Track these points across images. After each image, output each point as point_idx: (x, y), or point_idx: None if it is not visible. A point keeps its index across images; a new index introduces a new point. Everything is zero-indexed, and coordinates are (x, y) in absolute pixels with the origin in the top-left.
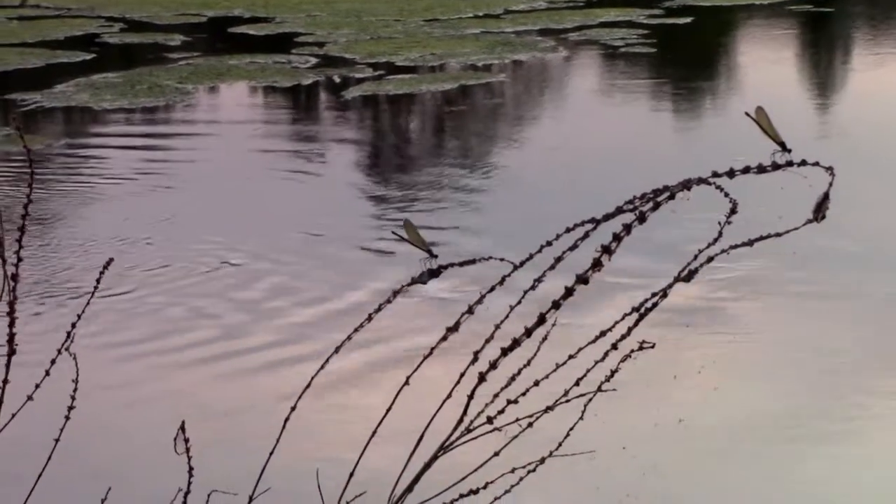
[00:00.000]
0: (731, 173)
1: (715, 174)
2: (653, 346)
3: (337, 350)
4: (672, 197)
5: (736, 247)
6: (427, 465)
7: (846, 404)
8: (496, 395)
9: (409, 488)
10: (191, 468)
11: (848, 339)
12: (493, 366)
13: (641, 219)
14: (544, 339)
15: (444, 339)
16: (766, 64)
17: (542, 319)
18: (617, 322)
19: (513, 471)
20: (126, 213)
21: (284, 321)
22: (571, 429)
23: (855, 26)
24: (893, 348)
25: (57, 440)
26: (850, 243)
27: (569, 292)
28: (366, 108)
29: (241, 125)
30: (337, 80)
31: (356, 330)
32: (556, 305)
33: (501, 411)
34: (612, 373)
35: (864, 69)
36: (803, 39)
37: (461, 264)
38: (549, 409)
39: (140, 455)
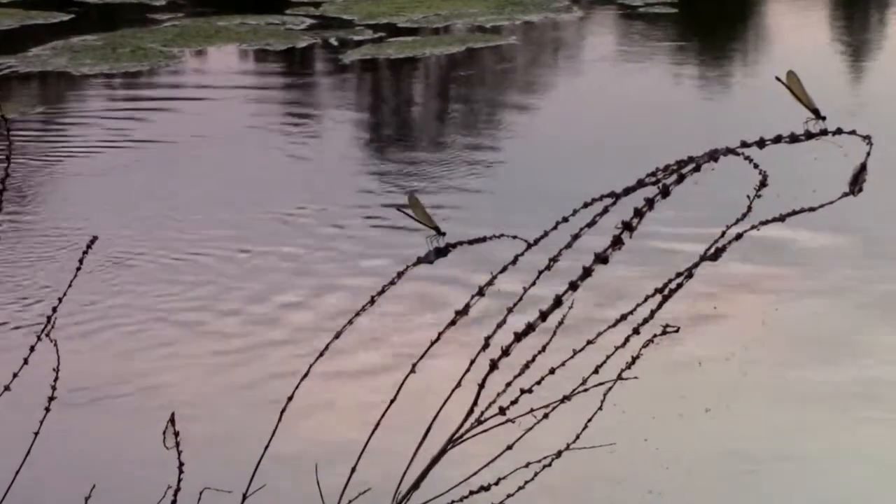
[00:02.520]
0: (761, 143)
1: (744, 144)
2: (677, 330)
3: (337, 335)
4: (698, 168)
5: (766, 223)
6: (435, 460)
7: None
8: (509, 385)
9: (416, 485)
10: (181, 464)
11: (869, 321)
12: (506, 352)
13: (664, 192)
14: (560, 322)
15: (453, 323)
16: (797, 25)
17: (558, 302)
18: (639, 304)
19: (527, 465)
20: (108, 188)
21: (276, 314)
22: (590, 420)
23: None
24: None
25: (36, 433)
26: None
27: (587, 272)
28: (365, 74)
29: (231, 92)
30: (334, 42)
31: (357, 314)
32: (572, 286)
33: (515, 401)
34: (634, 359)
35: None
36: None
37: (471, 242)
38: (566, 398)
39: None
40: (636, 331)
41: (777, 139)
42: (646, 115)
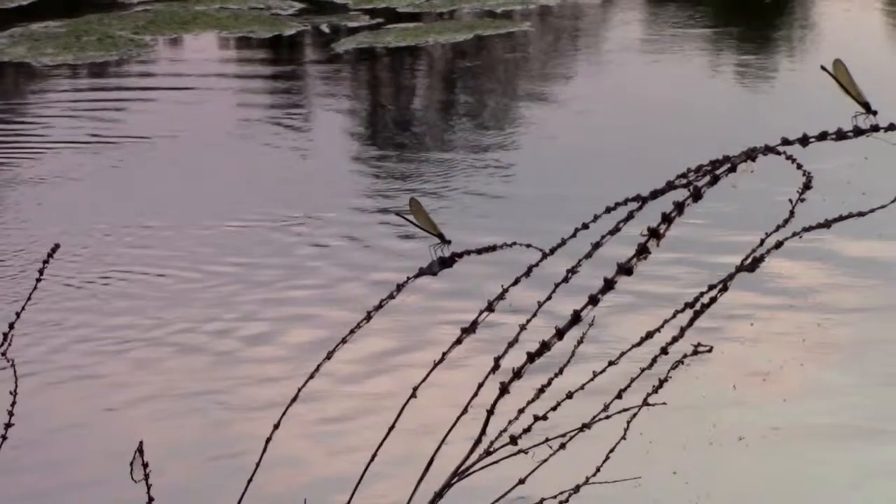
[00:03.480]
0: (804, 140)
1: (785, 141)
2: (710, 350)
3: (329, 356)
4: (733, 169)
5: (810, 229)
6: (439, 495)
7: None
8: (521, 411)
9: None
10: (150, 498)
11: None
12: (518, 374)
13: (696, 195)
14: (580, 341)
15: (459, 342)
16: (846, 8)
17: (576, 318)
18: (667, 321)
19: (541, 502)
20: (69, 194)
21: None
22: (612, 450)
23: None
24: None
25: None
26: None
27: (608, 285)
28: (360, 65)
29: (210, 85)
30: (326, 29)
31: (352, 332)
32: (592, 301)
33: (528, 429)
34: (661, 382)
35: None
36: None
37: (479, 252)
38: (585, 426)
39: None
40: (664, 350)
41: (822, 136)
42: (676, 112)
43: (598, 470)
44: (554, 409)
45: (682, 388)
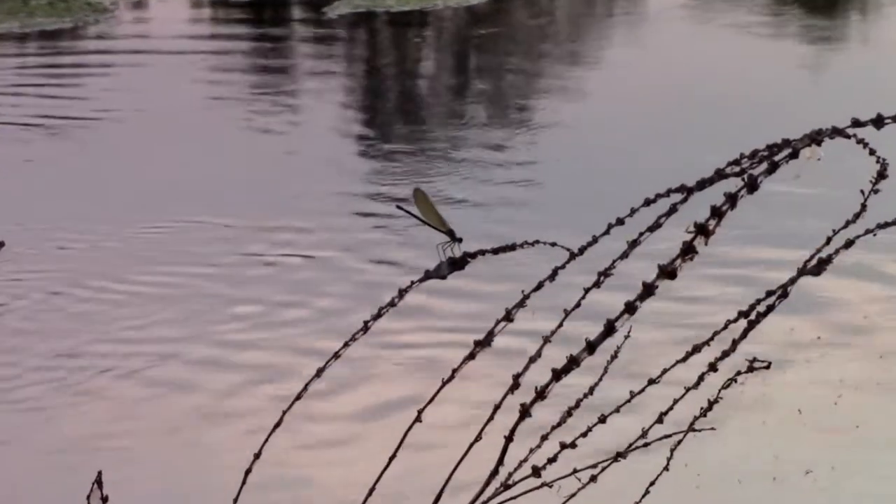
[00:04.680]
0: (878, 121)
1: (856, 123)
2: (768, 366)
3: (320, 373)
4: (795, 155)
5: (885, 226)
6: None
7: None
8: (545, 437)
9: None
10: None
11: None
12: (542, 395)
13: (752, 186)
14: (614, 356)
15: (472, 357)
16: None
17: (610, 328)
18: (717, 332)
19: None
20: (13, 181)
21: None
22: (653, 483)
23: None
24: None
25: None
26: None
27: (648, 290)
28: (356, 32)
29: (180, 55)
30: None
31: (346, 345)
32: (630, 309)
33: (553, 459)
34: (711, 404)
35: None
36: None
37: (495, 251)
38: (620, 456)
39: None
40: (713, 367)
41: None
42: (726, 88)
43: None
44: (584, 434)
45: (736, 412)
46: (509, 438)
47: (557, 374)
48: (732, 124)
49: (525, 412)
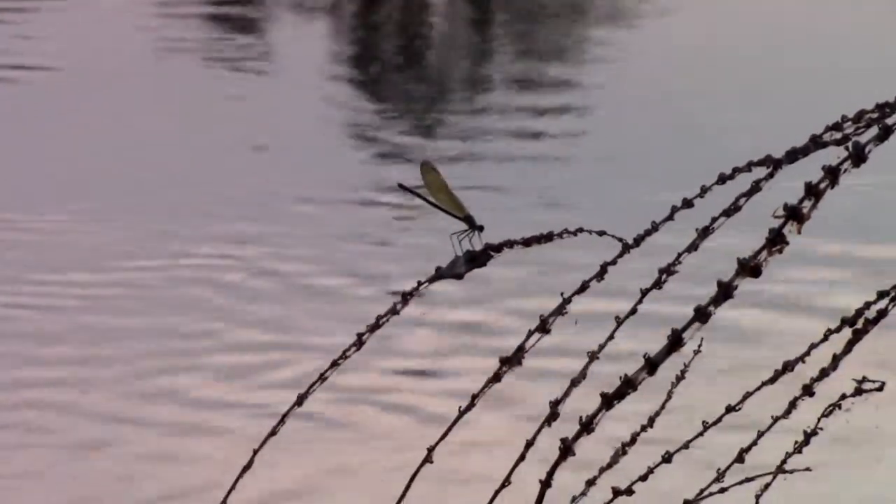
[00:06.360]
0: None
1: None
2: (881, 388)
3: (320, 379)
4: None
5: None
6: None
7: None
8: (592, 482)
9: None
10: None
11: None
12: (587, 428)
13: (858, 157)
14: (680, 377)
15: (498, 378)
16: None
17: (677, 340)
18: (813, 346)
19: None
20: None
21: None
22: None
23: None
24: None
25: None
26: None
27: (725, 292)
28: None
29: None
30: None
31: (345, 354)
32: (701, 316)
33: None
34: (807, 436)
35: None
36: None
37: (526, 242)
38: None
39: None
40: (809, 391)
41: None
42: (804, 49)
43: None
44: (644, 478)
45: (840, 447)
46: (546, 483)
47: (609, 401)
48: (815, 89)
49: (567, 450)
